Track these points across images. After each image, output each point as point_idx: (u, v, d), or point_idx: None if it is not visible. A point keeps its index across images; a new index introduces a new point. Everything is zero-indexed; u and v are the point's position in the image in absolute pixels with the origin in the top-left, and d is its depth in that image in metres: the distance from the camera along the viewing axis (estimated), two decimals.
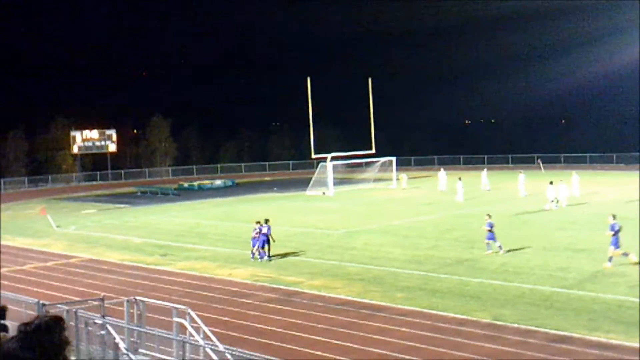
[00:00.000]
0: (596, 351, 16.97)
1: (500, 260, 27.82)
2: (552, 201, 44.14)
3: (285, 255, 30.77)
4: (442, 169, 60.51)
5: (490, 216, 29.66)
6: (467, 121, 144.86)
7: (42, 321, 3.63)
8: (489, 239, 29.17)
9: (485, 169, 60.16)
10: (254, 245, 30.01)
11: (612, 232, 26.08)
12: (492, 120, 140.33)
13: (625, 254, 25.89)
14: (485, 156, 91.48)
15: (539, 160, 71.24)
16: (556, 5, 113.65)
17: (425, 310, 20.96)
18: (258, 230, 29.84)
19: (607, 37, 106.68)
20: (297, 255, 30.78)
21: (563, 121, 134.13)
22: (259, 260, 29.55)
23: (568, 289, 22.93)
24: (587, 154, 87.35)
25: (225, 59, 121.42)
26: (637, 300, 21.02)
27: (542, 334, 18.30)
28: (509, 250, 29.19)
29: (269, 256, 29.75)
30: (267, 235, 29.88)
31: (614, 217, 26.89)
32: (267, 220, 30.47)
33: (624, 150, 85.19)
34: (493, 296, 22.36)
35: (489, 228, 29.11)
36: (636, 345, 17.08)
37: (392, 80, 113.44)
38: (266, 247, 29.90)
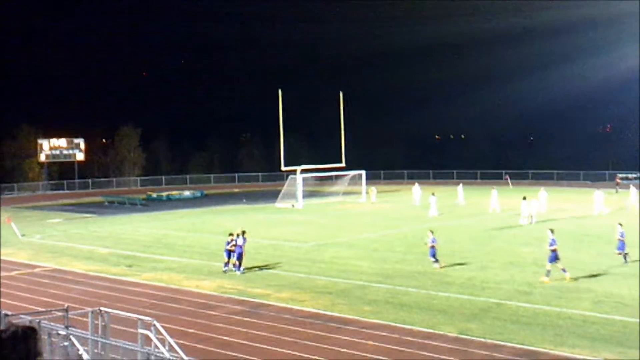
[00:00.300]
0: None
1: (468, 274, 27.96)
2: (526, 216, 44.69)
3: (253, 267, 30.62)
4: (416, 184, 60.84)
5: (432, 232, 29.75)
6: (437, 136, 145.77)
7: (18, 329, 3.48)
8: (432, 255, 29.36)
9: (461, 184, 60.41)
10: (227, 257, 29.65)
11: (552, 248, 26.55)
12: (462, 136, 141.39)
13: (564, 270, 26.42)
14: (455, 171, 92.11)
15: (507, 176, 71.92)
16: (525, 25, 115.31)
17: (392, 324, 20.97)
18: (233, 242, 29.56)
19: (577, 56, 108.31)
20: (265, 268, 30.65)
21: (531, 138, 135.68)
22: (236, 272, 29.21)
23: (534, 304, 23.09)
24: (554, 171, 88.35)
25: (196, 70, 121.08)
26: (601, 315, 21.26)
27: (509, 348, 18.39)
28: (479, 266, 29.35)
29: (241, 269, 29.48)
30: (241, 247, 29.61)
31: (552, 232, 27.32)
32: (243, 232, 30.21)
33: (591, 167, 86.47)
34: (460, 310, 22.44)
35: (432, 244, 29.29)
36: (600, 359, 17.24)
37: (363, 94, 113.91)
38: (241, 259, 29.62)
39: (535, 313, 21.98)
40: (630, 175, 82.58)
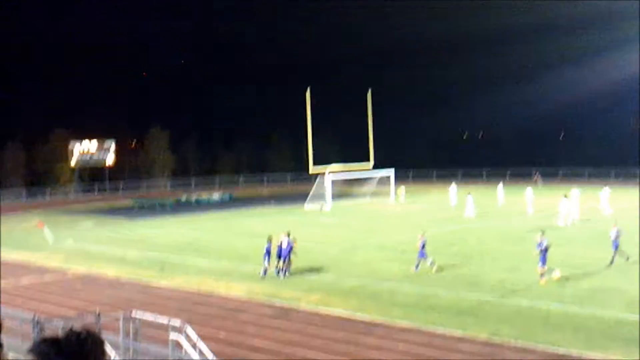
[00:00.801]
0: None
1: (499, 276, 27.77)
2: (565, 216, 43.35)
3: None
4: (453, 183, 58.83)
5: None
6: (464, 135, 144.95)
7: (90, 333, 3.41)
8: (421, 256, 29.06)
9: (501, 183, 59.32)
10: (267, 261, 28.96)
11: (541, 249, 26.52)
12: (482, 134, 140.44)
13: (551, 270, 26.38)
14: (484, 170, 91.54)
15: (537, 176, 71.27)
16: (552, 19, 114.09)
17: (421, 326, 20.89)
18: (282, 242, 28.89)
19: (607, 51, 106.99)
20: (295, 271, 30.68)
21: (562, 136, 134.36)
22: (279, 276, 28.64)
23: (565, 304, 22.85)
24: (586, 169, 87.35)
25: (224, 70, 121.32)
26: (635, 317, 21.00)
27: (540, 351, 18.24)
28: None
29: (285, 273, 28.82)
30: (288, 250, 29.00)
31: (543, 233, 27.26)
32: (288, 234, 29.61)
33: (622, 165, 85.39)
34: (490, 313, 22.30)
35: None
36: None
37: (391, 93, 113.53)
38: (286, 262, 29.02)
39: (566, 315, 21.78)
40: None
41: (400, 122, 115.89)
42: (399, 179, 68.64)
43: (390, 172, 66.63)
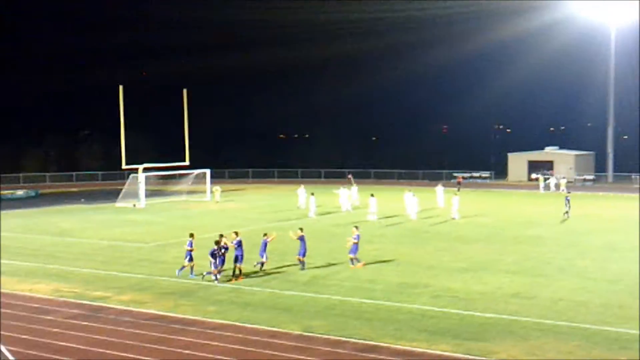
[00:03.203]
0: (402, 359, 17.55)
1: (312, 272, 28.25)
2: (374, 212, 46.46)
3: (92, 269, 29.50)
4: (302, 186, 57.04)
5: (237, 233, 28.34)
6: (281, 135, 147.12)
7: None
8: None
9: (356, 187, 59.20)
10: (191, 260, 27.53)
11: (355, 241, 29.17)
12: (306, 135, 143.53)
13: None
14: (300, 170, 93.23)
15: (350, 176, 73.17)
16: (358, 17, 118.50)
17: (237, 324, 20.78)
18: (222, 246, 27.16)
19: (415, 55, 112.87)
20: (105, 269, 29.58)
21: (374, 138, 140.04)
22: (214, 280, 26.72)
23: (376, 299, 23.64)
24: (395, 170, 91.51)
25: (33, 57, 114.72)
26: (439, 309, 22.12)
27: (351, 344, 18.68)
28: (319, 266, 29.70)
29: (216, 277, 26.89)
30: (239, 250, 27.25)
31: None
32: (236, 233, 28.17)
33: (429, 167, 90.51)
34: (304, 308, 22.60)
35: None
36: (437, 352, 17.88)
37: (207, 93, 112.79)
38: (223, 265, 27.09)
39: (376, 308, 22.51)
40: (474, 174, 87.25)
41: (217, 122, 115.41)
42: (216, 178, 68.18)
43: (206, 171, 66.14)
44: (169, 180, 70.23)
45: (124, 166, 59.02)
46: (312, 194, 50.20)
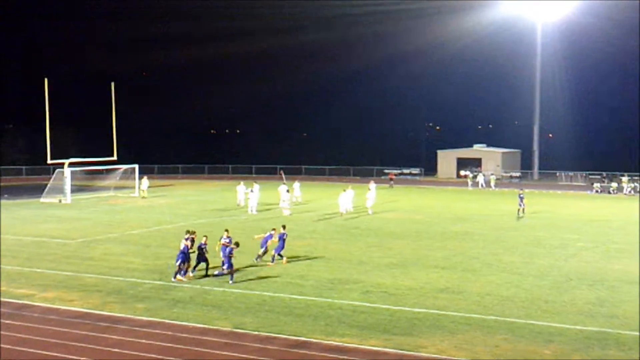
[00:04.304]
0: (332, 355, 17.57)
1: (246, 269, 28.06)
2: (288, 207, 47.40)
3: (16, 266, 28.67)
4: (241, 183, 55.11)
5: (227, 231, 27.91)
6: (212, 130, 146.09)
7: None
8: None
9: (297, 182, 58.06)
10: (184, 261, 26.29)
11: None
12: (237, 131, 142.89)
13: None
14: (230, 166, 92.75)
15: (282, 172, 73.45)
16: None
17: (166, 321, 20.49)
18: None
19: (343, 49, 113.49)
20: (30, 267, 28.77)
21: (305, 134, 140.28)
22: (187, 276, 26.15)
23: (306, 295, 23.65)
24: (327, 167, 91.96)
25: None
26: (369, 305, 22.26)
27: (282, 340, 18.64)
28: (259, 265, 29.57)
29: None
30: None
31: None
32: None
33: (360, 164, 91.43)
34: (234, 305, 22.43)
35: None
36: (368, 347, 17.98)
37: (137, 86, 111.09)
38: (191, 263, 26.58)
39: (307, 304, 22.50)
40: (405, 171, 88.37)
41: (146, 117, 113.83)
42: (144, 173, 67.09)
43: (134, 166, 65.09)
44: (96, 175, 68.92)
45: (49, 161, 57.54)
46: (252, 190, 49.72)
